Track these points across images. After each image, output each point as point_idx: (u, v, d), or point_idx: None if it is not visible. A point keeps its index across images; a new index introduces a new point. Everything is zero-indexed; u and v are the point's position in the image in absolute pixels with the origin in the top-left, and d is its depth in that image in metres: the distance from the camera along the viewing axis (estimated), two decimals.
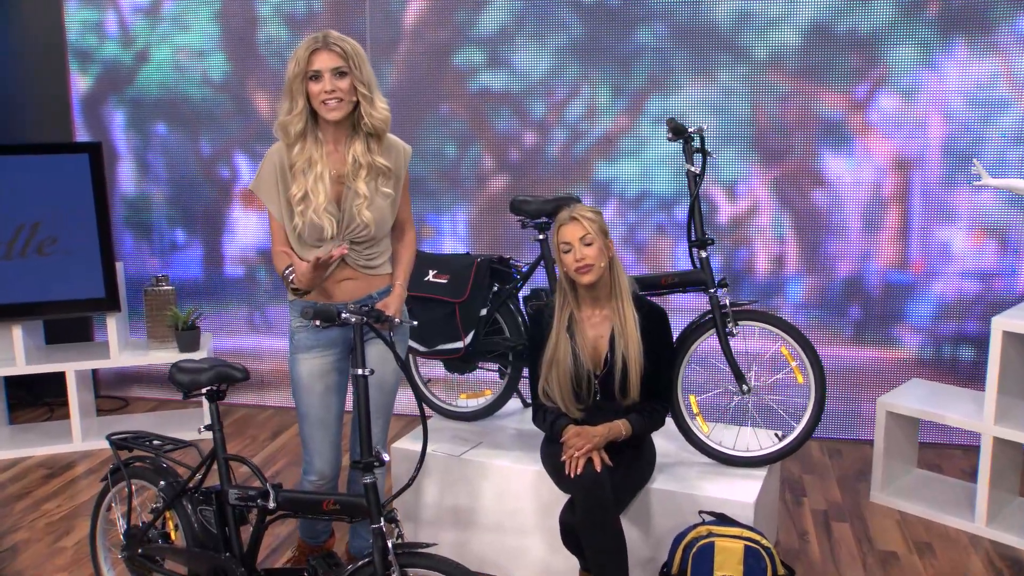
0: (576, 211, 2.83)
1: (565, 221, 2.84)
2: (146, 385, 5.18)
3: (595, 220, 2.82)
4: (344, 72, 2.53)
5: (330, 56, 2.52)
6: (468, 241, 4.72)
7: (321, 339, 2.72)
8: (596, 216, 2.84)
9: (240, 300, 5.02)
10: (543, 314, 2.99)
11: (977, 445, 4.19)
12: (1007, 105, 4.09)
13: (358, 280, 2.72)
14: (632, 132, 4.49)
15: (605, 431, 2.80)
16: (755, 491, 2.95)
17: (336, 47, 2.53)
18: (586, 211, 2.83)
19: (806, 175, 4.34)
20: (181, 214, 5.01)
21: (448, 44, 4.63)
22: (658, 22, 4.37)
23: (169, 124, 4.93)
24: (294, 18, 4.76)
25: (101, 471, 4.13)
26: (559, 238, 2.84)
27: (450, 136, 4.67)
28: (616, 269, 2.87)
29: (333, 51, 2.52)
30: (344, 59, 2.53)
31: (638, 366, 2.82)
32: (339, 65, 2.53)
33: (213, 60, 4.84)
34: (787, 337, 3.10)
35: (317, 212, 2.58)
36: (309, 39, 2.55)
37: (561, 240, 2.84)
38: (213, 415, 2.72)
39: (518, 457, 3.21)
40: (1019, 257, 4.18)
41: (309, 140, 2.60)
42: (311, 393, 2.75)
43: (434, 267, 3.47)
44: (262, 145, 4.89)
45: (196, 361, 2.76)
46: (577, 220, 2.81)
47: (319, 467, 2.80)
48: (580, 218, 2.81)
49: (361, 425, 2.45)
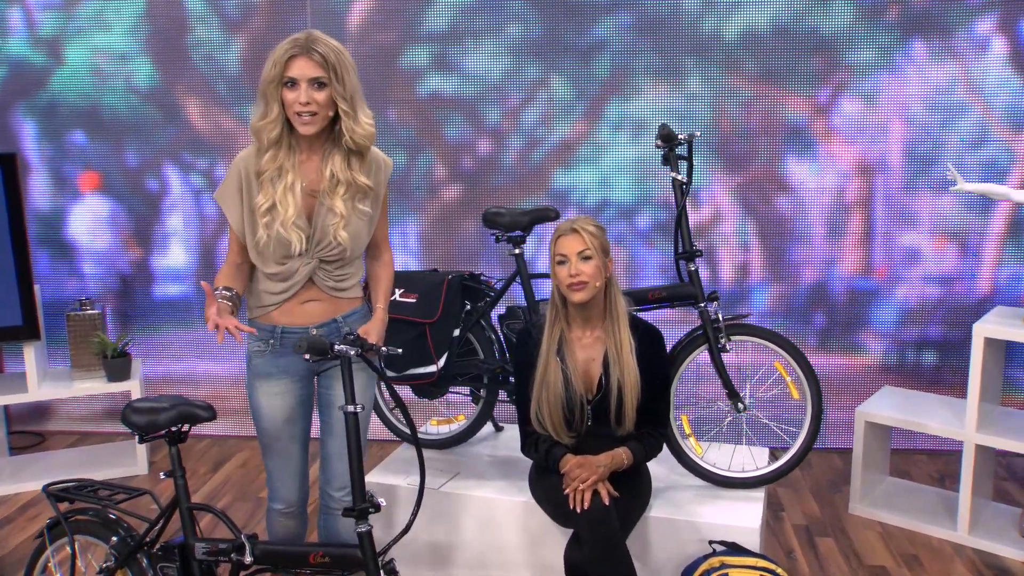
0: (578, 223, 2.64)
1: (565, 232, 2.65)
2: (64, 418, 4.74)
3: (597, 235, 2.64)
4: (323, 83, 2.29)
5: (309, 64, 2.28)
6: (420, 255, 4.48)
7: (280, 365, 2.48)
8: (599, 231, 2.66)
9: (172, 322, 4.64)
10: (529, 335, 2.79)
11: (942, 449, 4.23)
12: (965, 109, 4.10)
13: (323, 302, 2.49)
14: (591, 138, 4.33)
15: (608, 460, 2.63)
16: (758, 515, 2.81)
17: (317, 54, 2.27)
18: (588, 224, 2.64)
19: (769, 181, 4.27)
20: (104, 231, 4.60)
21: (395, 45, 4.38)
22: (622, 13, 4.21)
23: (89, 133, 4.53)
24: (227, 18, 4.43)
25: (20, 522, 3.72)
26: (555, 248, 2.65)
27: (398, 144, 4.42)
28: (613, 290, 2.69)
29: (313, 59, 2.27)
30: (324, 68, 2.28)
31: (634, 395, 2.65)
32: (318, 75, 2.28)
33: (137, 64, 4.47)
34: (782, 352, 2.98)
35: (285, 225, 2.35)
36: (290, 39, 2.30)
37: (557, 251, 2.65)
38: (174, 459, 2.44)
39: (501, 487, 3.00)
40: (979, 261, 4.20)
41: (282, 148, 2.37)
42: (272, 422, 2.53)
43: (401, 285, 3.22)
44: (194, 156, 4.54)
45: (152, 399, 2.47)
46: (578, 233, 2.62)
47: (285, 495, 2.60)
48: (581, 231, 2.62)
49: (352, 467, 2.22)
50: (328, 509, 2.63)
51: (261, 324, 2.48)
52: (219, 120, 4.48)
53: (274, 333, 2.47)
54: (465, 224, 4.44)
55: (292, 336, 2.45)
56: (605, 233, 2.69)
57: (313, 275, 2.44)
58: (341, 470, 2.52)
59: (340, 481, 2.56)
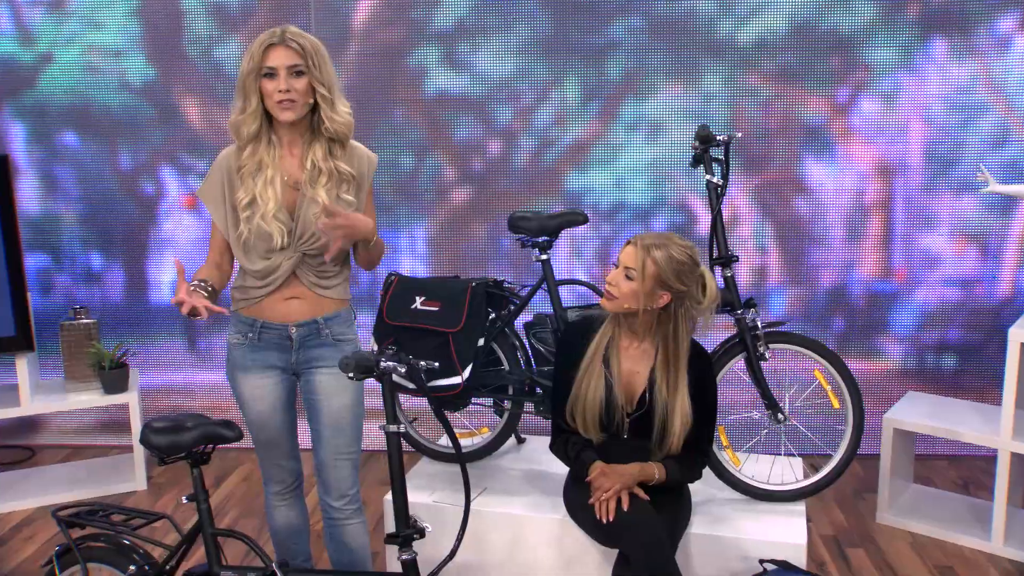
0: (643, 241, 2.51)
1: (631, 242, 2.54)
2: (55, 431, 4.54)
3: (657, 264, 2.46)
4: (301, 71, 2.34)
5: (286, 53, 2.33)
6: (428, 260, 4.34)
7: (258, 359, 2.50)
8: (664, 260, 2.46)
9: (169, 331, 4.47)
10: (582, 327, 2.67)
11: (963, 454, 4.15)
12: (986, 109, 4.03)
13: (305, 300, 2.48)
14: (605, 139, 4.21)
15: (638, 471, 2.52)
16: (803, 530, 2.71)
17: (293, 43, 2.33)
18: (656, 250, 2.47)
19: (787, 183, 4.17)
20: (97, 236, 4.42)
21: (402, 43, 4.24)
22: (634, 15, 4.10)
23: (81, 134, 4.34)
24: (226, 15, 4.26)
25: (15, 543, 3.53)
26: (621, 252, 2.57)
27: (406, 145, 4.28)
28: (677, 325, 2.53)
29: (290, 47, 2.33)
30: (302, 56, 2.33)
31: (683, 423, 2.53)
32: (296, 63, 2.33)
33: (132, 62, 4.29)
34: (822, 360, 2.88)
35: (265, 219, 2.38)
36: (265, 33, 2.36)
37: (620, 254, 2.55)
38: (196, 482, 2.30)
39: (534, 504, 2.87)
40: (999, 263, 4.12)
41: (262, 143, 2.41)
42: (257, 414, 2.56)
43: (422, 293, 3.08)
44: (191, 157, 4.37)
45: (172, 418, 2.32)
46: (634, 249, 2.50)
47: (278, 475, 2.66)
48: (638, 248, 2.49)
49: (394, 490, 2.08)
50: (332, 521, 2.58)
51: (243, 316, 2.50)
52: (218, 120, 4.31)
53: (254, 326, 2.48)
54: (474, 228, 4.31)
55: (271, 331, 2.46)
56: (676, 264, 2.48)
57: (297, 269, 2.43)
58: (336, 478, 2.53)
59: (338, 490, 2.54)
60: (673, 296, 2.51)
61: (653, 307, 2.52)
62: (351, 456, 2.55)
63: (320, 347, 2.50)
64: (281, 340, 2.50)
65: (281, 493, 2.67)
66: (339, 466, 2.54)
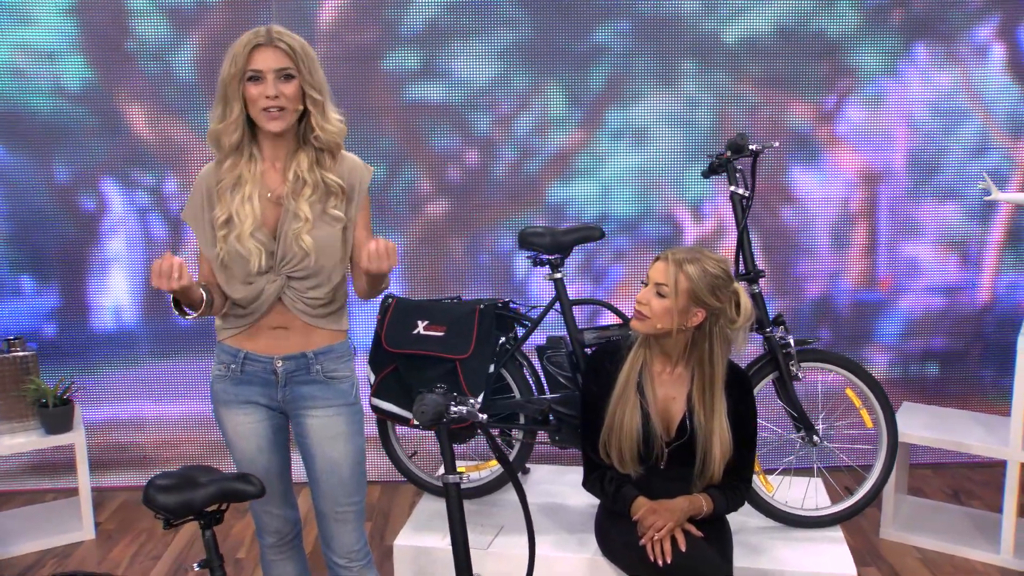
0: (674, 255, 2.35)
1: (661, 257, 2.38)
2: None
3: (691, 279, 2.32)
4: (291, 75, 2.11)
5: (275, 54, 2.09)
6: (403, 277, 4.07)
7: (240, 394, 2.26)
8: (698, 274, 2.32)
9: (113, 361, 4.05)
10: (607, 355, 2.48)
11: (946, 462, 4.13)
12: (967, 117, 4.03)
13: (293, 330, 2.22)
14: (589, 148, 4.03)
15: (687, 505, 2.36)
16: (849, 559, 2.58)
17: (282, 43, 2.10)
18: (689, 264, 2.33)
19: (773, 192, 4.07)
20: (28, 257, 3.98)
21: (373, 46, 3.96)
22: (620, 19, 3.93)
23: (8, 144, 3.90)
24: (179, 13, 3.90)
25: None
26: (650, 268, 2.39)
27: (378, 155, 3.99)
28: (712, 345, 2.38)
29: (278, 48, 2.09)
30: (292, 59, 2.10)
31: (722, 452, 2.38)
32: (285, 66, 2.10)
33: (68, 64, 3.88)
34: (854, 379, 2.77)
35: (241, 238, 2.13)
36: (249, 33, 2.12)
37: (650, 271, 2.38)
38: (210, 546, 2.01)
39: (559, 542, 2.66)
40: (979, 270, 4.13)
41: (243, 155, 2.16)
42: (243, 454, 2.31)
43: (424, 317, 2.85)
44: (137, 170, 3.99)
45: (178, 473, 2.01)
46: (665, 264, 2.34)
47: (273, 526, 2.39)
48: (670, 263, 2.34)
49: (456, 544, 1.85)
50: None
51: (225, 346, 2.27)
52: (168, 130, 3.94)
53: (236, 357, 2.24)
54: (452, 243, 4.06)
55: (255, 363, 2.23)
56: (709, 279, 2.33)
57: (283, 296, 2.19)
58: (338, 533, 2.29)
59: (342, 547, 2.29)
60: (707, 314, 2.35)
61: (687, 326, 2.36)
62: (353, 507, 2.30)
63: (309, 384, 2.24)
64: (266, 374, 2.24)
65: (278, 546, 2.41)
66: (340, 519, 2.29)
